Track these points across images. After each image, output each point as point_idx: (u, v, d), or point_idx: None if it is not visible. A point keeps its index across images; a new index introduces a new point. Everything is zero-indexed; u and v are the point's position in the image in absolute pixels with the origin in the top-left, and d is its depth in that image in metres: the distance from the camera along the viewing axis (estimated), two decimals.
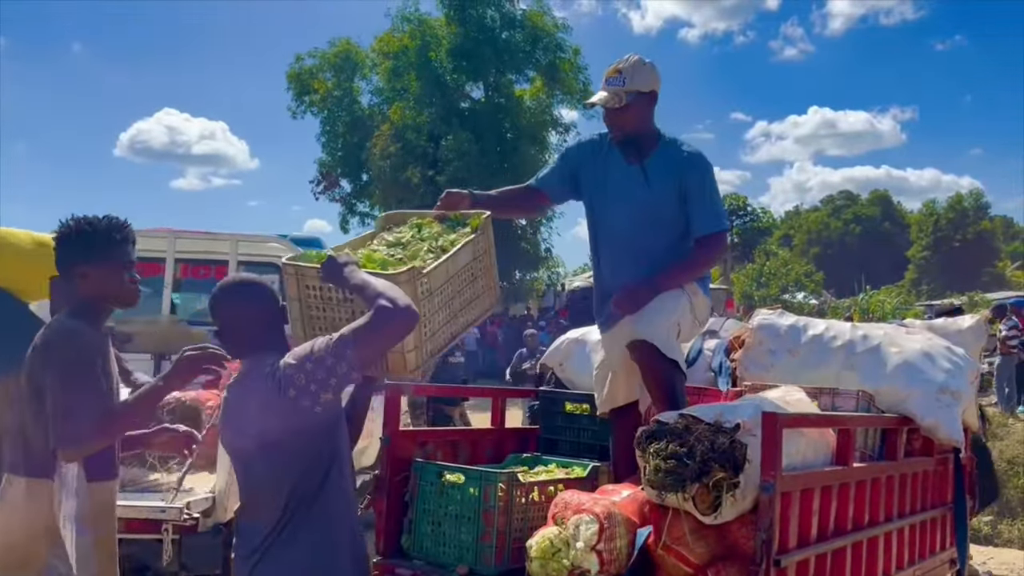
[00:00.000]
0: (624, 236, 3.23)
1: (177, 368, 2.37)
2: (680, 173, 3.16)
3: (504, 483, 2.86)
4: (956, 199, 49.33)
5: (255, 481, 2.20)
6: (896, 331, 3.82)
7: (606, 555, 2.64)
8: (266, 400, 2.11)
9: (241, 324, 2.23)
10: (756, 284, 32.69)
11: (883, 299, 24.86)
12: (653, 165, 3.19)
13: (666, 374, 3.09)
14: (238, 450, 2.24)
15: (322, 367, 2.08)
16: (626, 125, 3.19)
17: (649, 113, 3.23)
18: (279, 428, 2.10)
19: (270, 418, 2.11)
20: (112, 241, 2.43)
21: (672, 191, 3.17)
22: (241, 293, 2.29)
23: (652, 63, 3.23)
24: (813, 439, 2.87)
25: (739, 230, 48.89)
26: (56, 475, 2.35)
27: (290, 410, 2.08)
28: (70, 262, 2.43)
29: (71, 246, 2.43)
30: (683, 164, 3.18)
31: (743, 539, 2.53)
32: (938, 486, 3.83)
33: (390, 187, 23.69)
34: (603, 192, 3.27)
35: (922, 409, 3.42)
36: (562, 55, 24.60)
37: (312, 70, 25.94)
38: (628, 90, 3.13)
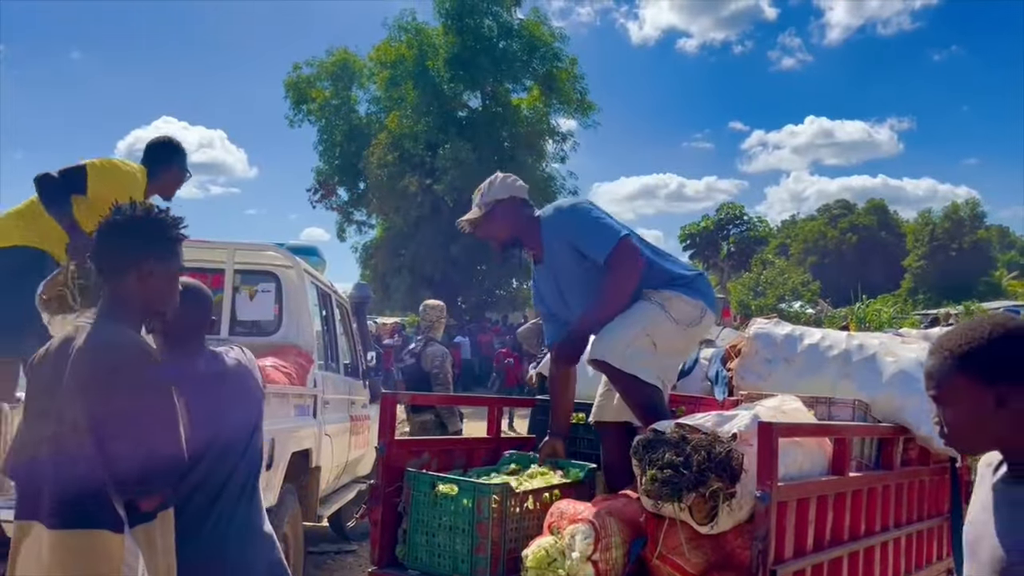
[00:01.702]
0: (568, 318, 3.37)
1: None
2: (561, 239, 3.30)
3: (498, 495, 2.83)
4: (952, 208, 49.43)
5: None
6: (892, 340, 3.83)
7: (602, 565, 2.63)
8: (215, 383, 2.35)
9: (185, 324, 2.32)
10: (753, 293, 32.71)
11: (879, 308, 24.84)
12: (547, 255, 3.37)
13: (631, 389, 3.14)
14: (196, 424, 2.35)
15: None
16: (493, 239, 3.40)
17: (513, 217, 3.36)
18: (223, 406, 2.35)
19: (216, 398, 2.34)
20: (180, 240, 2.14)
21: (567, 261, 3.30)
22: (193, 296, 2.36)
23: (508, 175, 3.48)
24: (809, 448, 2.87)
25: (735, 239, 48.94)
26: (126, 528, 1.93)
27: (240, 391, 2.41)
28: (136, 255, 2.04)
29: (141, 236, 2.06)
30: (556, 230, 3.32)
31: (739, 549, 2.53)
32: (935, 496, 3.83)
33: (387, 196, 23.75)
34: (539, 301, 3.51)
35: (918, 418, 3.42)
36: (559, 64, 24.69)
37: (310, 79, 26.02)
38: (487, 202, 3.35)
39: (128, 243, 2.04)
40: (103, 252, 2.07)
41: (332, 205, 27.43)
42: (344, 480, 5.98)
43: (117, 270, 2.05)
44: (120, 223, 2.06)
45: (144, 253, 2.04)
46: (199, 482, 2.23)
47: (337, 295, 6.20)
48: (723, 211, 50.92)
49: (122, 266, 2.04)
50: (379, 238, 26.79)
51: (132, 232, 2.05)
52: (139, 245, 2.04)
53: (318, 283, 5.62)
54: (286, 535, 4.28)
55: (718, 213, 50.76)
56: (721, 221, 49.93)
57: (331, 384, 5.34)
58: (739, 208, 51.19)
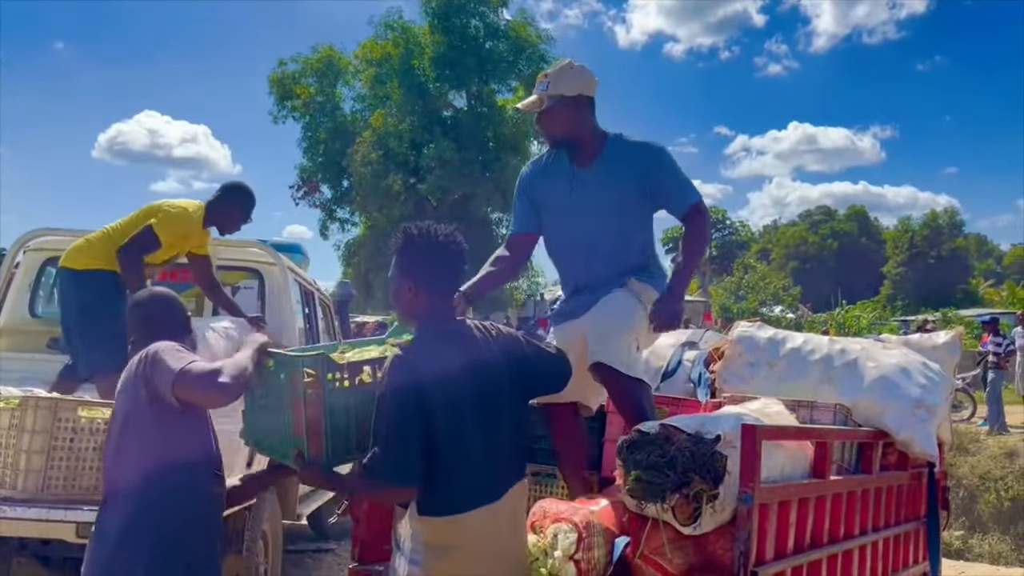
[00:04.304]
0: (576, 237, 3.23)
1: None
2: (639, 163, 3.16)
3: (312, 368, 2.41)
4: (931, 217, 50.02)
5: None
6: (873, 346, 3.86)
7: (584, 565, 2.63)
8: (125, 382, 2.37)
9: (151, 329, 2.45)
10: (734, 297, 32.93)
11: (859, 314, 25.08)
12: (603, 164, 3.18)
13: (631, 393, 3.06)
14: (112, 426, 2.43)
15: (159, 369, 2.27)
16: (553, 129, 3.20)
17: (579, 117, 3.17)
18: (128, 403, 2.33)
19: (124, 396, 2.36)
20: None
21: (628, 185, 3.15)
22: (155, 303, 2.58)
23: (583, 67, 3.22)
24: (791, 451, 2.89)
25: (718, 243, 49.24)
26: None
27: (135, 388, 2.31)
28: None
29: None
30: (640, 155, 3.17)
31: (721, 550, 2.54)
32: (912, 500, 3.86)
33: (371, 194, 23.68)
34: (551, 201, 3.27)
35: (897, 423, 3.45)
36: (545, 66, 24.64)
37: (295, 75, 25.89)
38: (551, 94, 3.14)
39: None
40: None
41: (315, 202, 27.33)
42: None
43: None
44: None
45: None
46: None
47: (320, 293, 6.18)
48: None
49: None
50: (362, 236, 26.70)
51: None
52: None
53: (301, 281, 5.60)
54: (265, 533, 4.25)
55: None
56: None
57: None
58: (722, 212, 51.58)
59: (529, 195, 3.33)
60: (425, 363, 2.15)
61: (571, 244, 3.26)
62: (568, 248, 3.28)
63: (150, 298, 2.65)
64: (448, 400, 2.14)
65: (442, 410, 2.13)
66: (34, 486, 3.21)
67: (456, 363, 2.19)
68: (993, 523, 9.66)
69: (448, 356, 2.19)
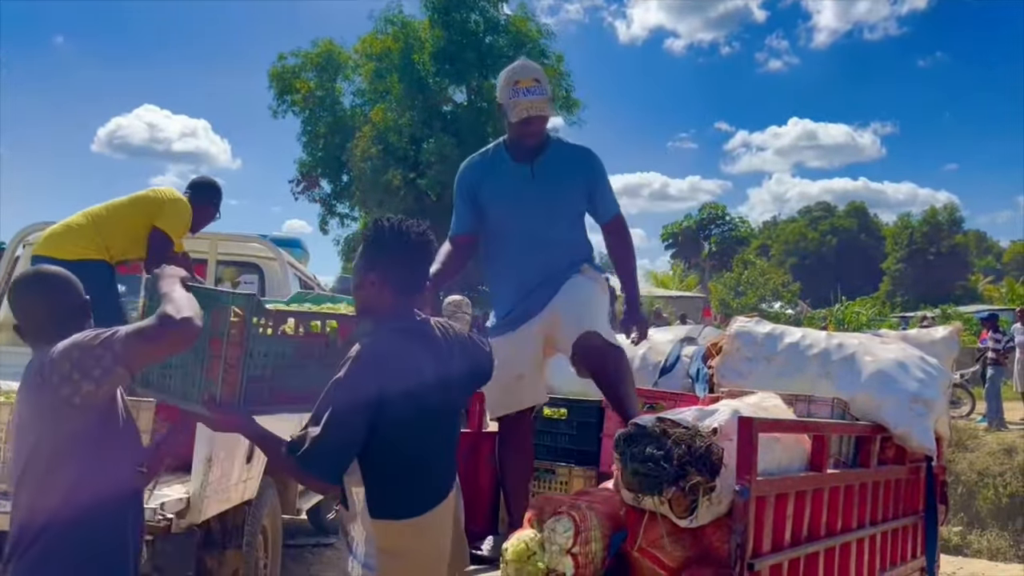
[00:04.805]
0: (526, 232, 3.31)
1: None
2: (580, 166, 3.36)
3: (240, 307, 2.28)
4: (931, 213, 50.00)
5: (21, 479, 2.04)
6: (871, 340, 3.87)
7: (581, 558, 2.65)
8: (33, 389, 2.02)
9: (37, 315, 2.13)
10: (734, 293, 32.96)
11: (858, 310, 25.10)
12: (547, 162, 3.32)
13: (617, 360, 3.23)
14: (18, 446, 2.08)
15: (89, 355, 1.94)
16: (540, 131, 3.31)
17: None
18: (41, 420, 1.99)
19: (34, 409, 2.01)
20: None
21: (570, 184, 3.33)
22: (38, 284, 2.18)
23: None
24: (788, 445, 2.90)
25: (717, 239, 49.25)
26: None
27: (51, 399, 1.96)
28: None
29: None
30: (581, 159, 3.38)
31: (718, 542, 2.55)
32: (910, 494, 3.88)
33: (370, 189, 23.64)
34: (502, 195, 3.34)
35: (895, 417, 3.46)
36: (545, 61, 24.61)
37: (294, 69, 25.82)
38: (549, 98, 3.25)
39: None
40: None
41: (315, 197, 27.27)
42: None
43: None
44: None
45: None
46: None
47: (320, 288, 6.18)
48: (705, 211, 51.27)
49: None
50: (362, 231, 26.69)
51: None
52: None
53: (301, 275, 5.60)
54: (264, 528, 4.26)
55: (700, 213, 51.13)
56: (703, 221, 50.27)
57: None
58: (721, 208, 51.62)
59: (471, 196, 3.39)
60: (390, 362, 2.09)
61: (525, 237, 3.31)
62: (521, 241, 3.32)
63: (41, 281, 2.20)
64: (408, 401, 2.08)
65: (402, 411, 2.07)
66: None
67: (419, 363, 2.14)
68: (991, 519, 9.68)
69: (411, 355, 2.14)
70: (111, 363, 1.94)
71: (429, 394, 2.14)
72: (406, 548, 2.12)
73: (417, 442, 2.13)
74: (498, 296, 3.44)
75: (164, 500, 3.33)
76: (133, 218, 4.15)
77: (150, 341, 1.98)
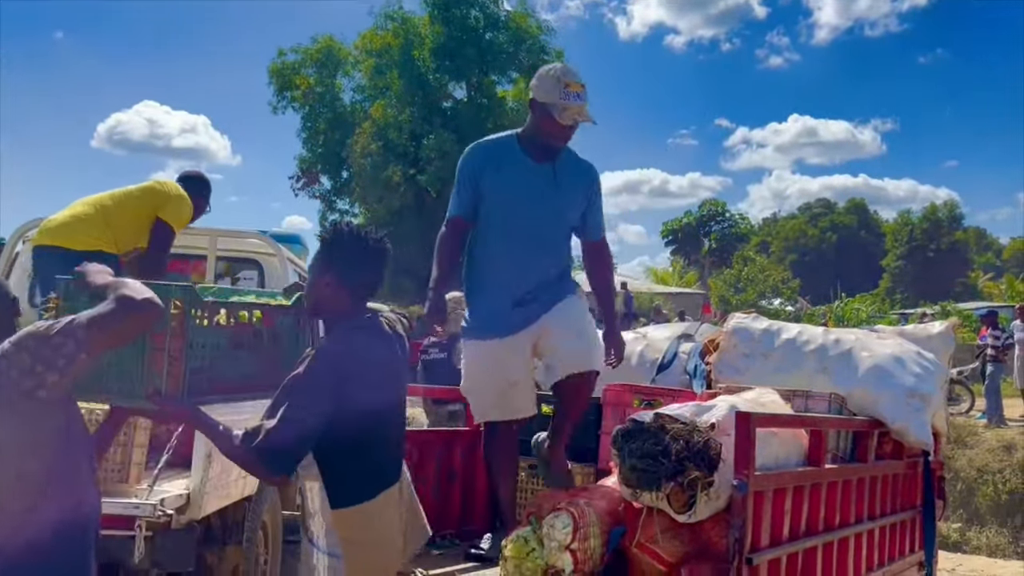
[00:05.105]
0: (534, 233, 3.30)
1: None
2: (588, 180, 3.40)
3: (179, 299, 2.30)
4: (931, 210, 49.98)
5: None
6: (867, 336, 3.88)
7: (580, 554, 2.65)
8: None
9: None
10: (733, 290, 32.95)
11: (858, 307, 25.13)
12: (562, 167, 3.33)
13: (592, 385, 3.38)
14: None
15: (47, 345, 1.90)
16: (571, 138, 3.32)
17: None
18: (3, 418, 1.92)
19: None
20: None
21: (578, 194, 3.37)
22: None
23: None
24: (786, 440, 2.91)
25: (717, 236, 49.22)
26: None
27: (9, 396, 1.90)
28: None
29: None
30: (590, 172, 3.43)
31: (716, 537, 2.56)
32: (907, 489, 3.88)
33: (370, 185, 23.62)
34: (513, 191, 3.29)
35: (892, 412, 3.47)
36: (545, 57, 24.61)
37: (294, 65, 25.79)
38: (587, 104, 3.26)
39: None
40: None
41: (315, 193, 27.27)
42: None
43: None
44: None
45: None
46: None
47: None
48: (705, 208, 51.23)
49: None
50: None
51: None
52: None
53: (300, 271, 5.60)
54: (265, 524, 4.27)
55: (700, 209, 51.08)
56: (703, 217, 50.23)
57: None
58: (721, 205, 51.56)
59: (474, 182, 3.33)
60: (347, 360, 2.18)
61: (532, 237, 3.30)
62: (528, 240, 3.30)
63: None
64: (365, 396, 2.17)
65: (359, 405, 2.15)
66: None
67: (373, 359, 2.24)
68: (991, 516, 9.70)
69: (366, 352, 2.23)
70: (74, 350, 1.92)
71: (383, 388, 2.26)
72: (366, 531, 2.21)
73: (374, 433, 2.23)
74: (485, 291, 3.37)
75: (164, 496, 3.34)
76: (139, 209, 4.14)
77: (114, 324, 1.98)
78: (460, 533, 3.57)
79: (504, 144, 3.37)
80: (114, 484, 3.46)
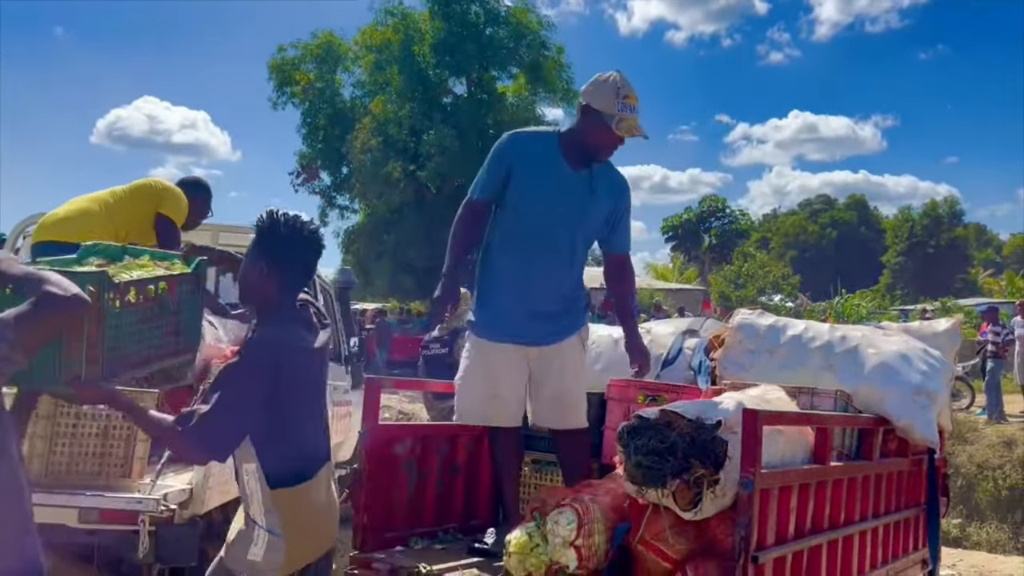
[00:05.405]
0: (558, 240, 3.26)
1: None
2: (620, 193, 3.37)
3: (93, 286, 2.31)
4: (931, 206, 49.96)
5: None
6: (874, 333, 3.86)
7: (584, 551, 2.65)
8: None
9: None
10: (734, 286, 32.92)
11: (858, 303, 25.10)
12: (599, 177, 3.29)
13: (584, 443, 3.42)
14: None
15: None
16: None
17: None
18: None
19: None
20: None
21: (607, 206, 3.32)
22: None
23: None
24: (792, 437, 2.90)
25: (717, 232, 49.16)
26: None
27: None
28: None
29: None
30: (624, 187, 3.40)
31: (722, 535, 2.55)
32: (912, 487, 3.88)
33: (370, 181, 23.58)
34: (545, 193, 3.23)
35: (898, 409, 3.46)
36: (546, 53, 24.58)
37: (294, 61, 25.72)
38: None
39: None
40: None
41: (315, 189, 27.20)
42: None
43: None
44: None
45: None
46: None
47: (320, 279, 6.17)
48: (706, 204, 51.14)
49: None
50: (361, 223, 26.62)
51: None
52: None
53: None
54: None
55: (701, 206, 50.99)
56: (703, 214, 50.16)
57: None
58: (721, 201, 51.45)
59: (506, 170, 3.25)
60: (279, 348, 2.23)
61: (558, 244, 3.26)
62: (553, 247, 3.26)
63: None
64: (297, 382, 2.26)
65: (292, 392, 2.23)
66: (37, 471, 3.22)
67: (304, 346, 2.31)
68: (991, 512, 9.71)
69: (297, 340, 2.29)
70: (8, 351, 1.89)
71: (312, 375, 2.36)
72: (302, 510, 2.28)
73: (305, 418, 2.33)
74: (495, 288, 3.32)
75: (167, 490, 3.33)
76: (138, 206, 4.15)
77: (43, 319, 1.97)
78: (463, 528, 3.57)
79: (545, 141, 3.30)
80: (117, 479, 3.46)
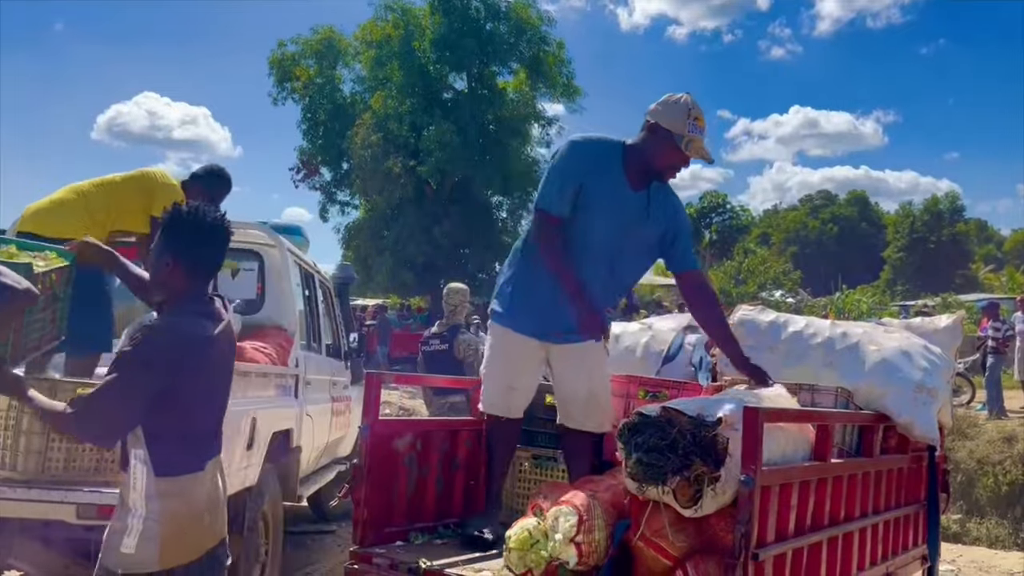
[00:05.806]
0: (606, 256, 3.26)
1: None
2: (675, 212, 3.35)
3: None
4: (932, 201, 49.89)
5: None
6: (875, 329, 3.85)
7: (584, 547, 2.64)
8: None
9: None
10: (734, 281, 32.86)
11: (859, 299, 25.08)
12: (655, 199, 3.28)
13: (596, 446, 3.46)
14: None
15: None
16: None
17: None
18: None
19: None
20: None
21: (660, 228, 3.30)
22: None
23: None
24: (792, 434, 2.89)
25: (718, 227, 49.16)
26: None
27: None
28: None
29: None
30: (677, 206, 3.39)
31: (722, 532, 2.54)
32: (912, 483, 3.87)
33: (370, 176, 23.57)
34: (603, 210, 3.20)
35: (898, 406, 3.45)
36: (546, 48, 24.55)
37: (294, 56, 25.70)
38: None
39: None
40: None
41: (315, 185, 27.21)
42: (324, 461, 5.97)
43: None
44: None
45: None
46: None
47: (320, 275, 6.16)
48: (706, 199, 51.13)
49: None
50: (362, 219, 26.62)
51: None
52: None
53: (301, 263, 5.58)
54: (266, 515, 4.26)
55: (701, 201, 50.96)
56: (704, 209, 50.13)
57: (313, 365, 5.31)
58: (722, 197, 51.46)
59: (578, 182, 3.18)
60: (179, 338, 2.23)
61: (595, 255, 3.24)
62: (591, 259, 3.23)
63: None
64: (196, 373, 2.25)
65: (190, 383, 2.23)
66: (34, 467, 3.21)
67: (206, 338, 2.28)
68: (991, 507, 9.69)
69: (200, 331, 2.28)
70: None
71: (212, 367, 2.33)
72: (185, 501, 2.26)
73: (200, 409, 2.31)
74: (529, 285, 3.30)
75: None
76: (129, 196, 4.07)
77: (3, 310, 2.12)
78: (463, 523, 3.56)
79: (610, 153, 3.24)
80: (115, 475, 3.45)
